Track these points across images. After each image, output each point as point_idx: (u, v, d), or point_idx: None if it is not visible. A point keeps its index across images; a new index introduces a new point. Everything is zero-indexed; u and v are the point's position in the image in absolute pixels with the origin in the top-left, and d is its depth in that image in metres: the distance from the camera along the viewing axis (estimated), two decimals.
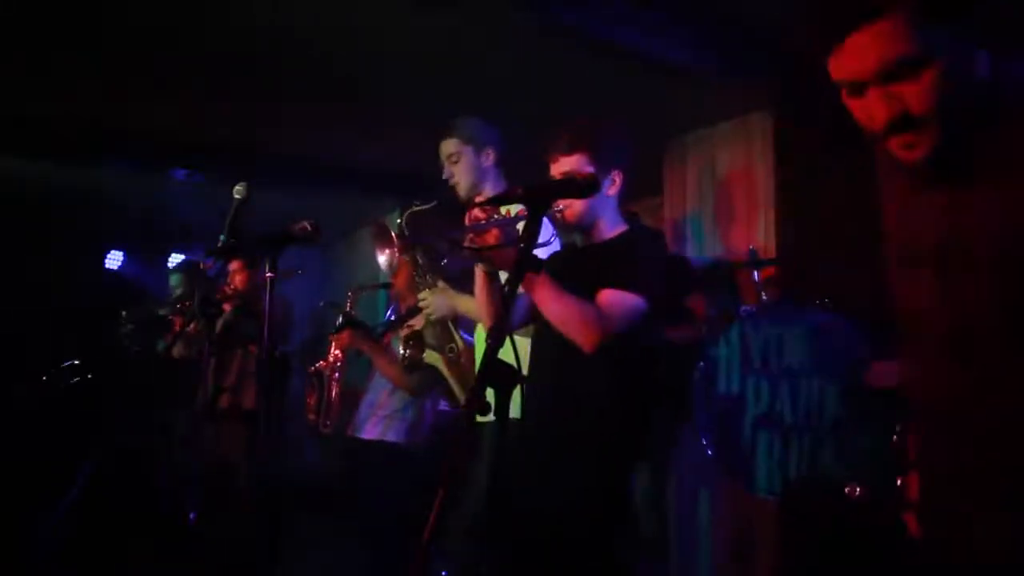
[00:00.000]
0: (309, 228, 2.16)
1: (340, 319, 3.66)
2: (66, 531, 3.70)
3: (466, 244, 1.99)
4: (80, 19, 3.37)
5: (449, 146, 2.73)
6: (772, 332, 3.16)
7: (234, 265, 3.95)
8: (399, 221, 2.72)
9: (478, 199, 2.63)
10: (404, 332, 3.41)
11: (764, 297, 3.42)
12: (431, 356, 2.93)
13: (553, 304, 1.98)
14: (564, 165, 2.12)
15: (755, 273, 3.47)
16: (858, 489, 2.59)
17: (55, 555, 3.68)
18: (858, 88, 1.12)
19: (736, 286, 3.62)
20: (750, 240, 4.00)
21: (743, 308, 3.31)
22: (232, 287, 3.91)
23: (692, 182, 4.53)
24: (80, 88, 4.14)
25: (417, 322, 3.34)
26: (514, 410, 2.14)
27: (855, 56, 1.09)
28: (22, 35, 3.51)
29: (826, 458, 3.08)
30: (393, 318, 3.62)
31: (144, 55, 3.69)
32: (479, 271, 2.14)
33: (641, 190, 2.31)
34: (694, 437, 3.33)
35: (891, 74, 1.07)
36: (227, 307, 3.83)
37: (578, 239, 2.28)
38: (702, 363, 3.20)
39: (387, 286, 3.75)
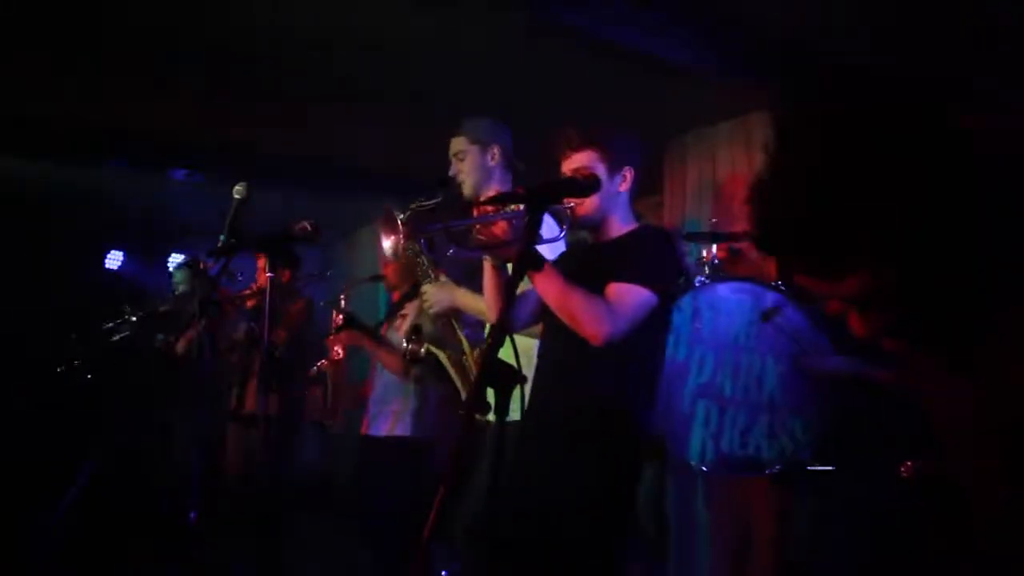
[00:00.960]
0: (309, 228, 2.17)
1: (339, 318, 3.66)
2: (66, 531, 3.71)
3: (474, 235, 1.99)
4: (80, 19, 3.37)
5: (456, 144, 2.74)
6: (723, 306, 3.18)
7: (261, 262, 3.95)
8: (400, 216, 2.71)
9: (482, 198, 2.63)
10: (399, 323, 3.41)
11: (714, 271, 3.45)
12: (435, 352, 2.92)
13: (560, 297, 1.98)
14: (575, 162, 2.12)
15: (713, 247, 3.50)
16: (909, 464, 2.55)
17: (55, 555, 3.69)
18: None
19: (699, 258, 3.64)
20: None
21: (698, 278, 3.32)
22: (257, 285, 3.92)
23: (692, 182, 4.53)
24: (80, 88, 4.15)
25: (409, 310, 3.34)
26: (514, 413, 2.14)
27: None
28: (22, 35, 3.51)
29: (757, 435, 3.10)
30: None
31: (144, 55, 3.69)
32: (487, 265, 2.14)
33: (641, 190, 2.31)
34: None
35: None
36: (250, 303, 3.84)
37: (588, 236, 2.28)
38: None
39: (379, 278, 3.75)
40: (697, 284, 3.25)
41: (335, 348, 3.71)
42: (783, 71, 3.56)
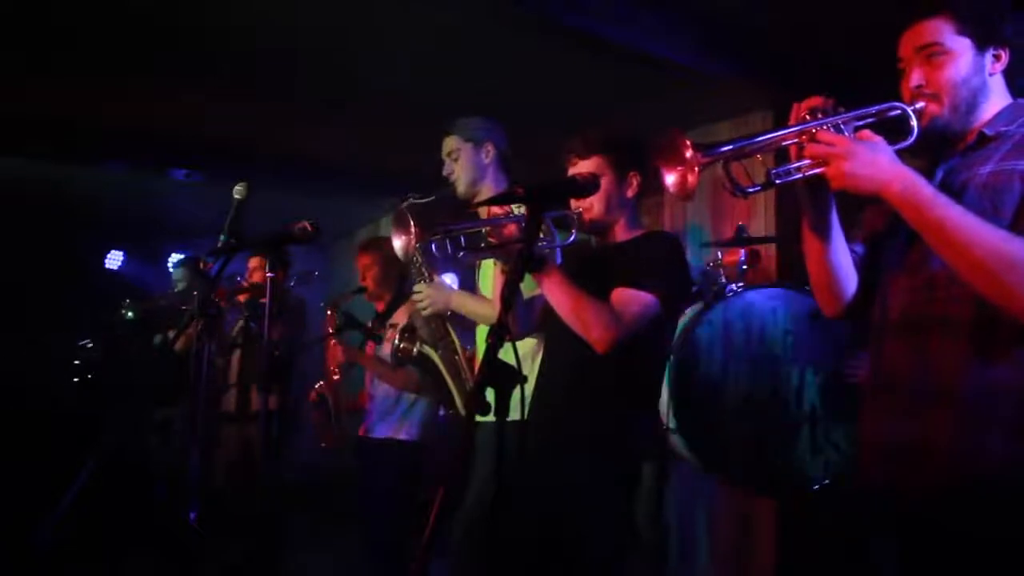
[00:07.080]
0: (309, 228, 2.16)
1: (332, 317, 3.64)
2: (66, 531, 3.70)
3: (485, 238, 1.98)
4: (80, 19, 3.36)
5: (449, 143, 2.73)
6: (756, 315, 3.06)
7: (253, 262, 3.96)
8: (413, 214, 2.68)
9: (476, 198, 2.62)
10: (390, 335, 3.38)
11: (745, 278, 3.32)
12: (427, 351, 2.91)
13: (567, 301, 1.97)
14: (581, 168, 2.11)
15: (742, 252, 3.35)
16: None
17: (54, 554, 3.68)
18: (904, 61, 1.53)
19: (716, 262, 3.48)
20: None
21: (728, 287, 3.18)
22: (249, 282, 3.91)
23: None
24: (80, 88, 4.14)
25: (398, 318, 3.32)
26: (513, 412, 2.14)
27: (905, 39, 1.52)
28: (22, 35, 3.51)
29: (801, 450, 3.01)
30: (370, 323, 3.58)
31: (144, 55, 3.69)
32: (497, 269, 2.14)
33: (642, 191, 2.32)
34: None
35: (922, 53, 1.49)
36: (242, 298, 3.84)
37: (592, 240, 2.28)
38: (684, 345, 3.04)
39: (361, 290, 3.69)
40: (728, 293, 3.12)
41: (332, 369, 3.68)
42: (783, 71, 3.56)
